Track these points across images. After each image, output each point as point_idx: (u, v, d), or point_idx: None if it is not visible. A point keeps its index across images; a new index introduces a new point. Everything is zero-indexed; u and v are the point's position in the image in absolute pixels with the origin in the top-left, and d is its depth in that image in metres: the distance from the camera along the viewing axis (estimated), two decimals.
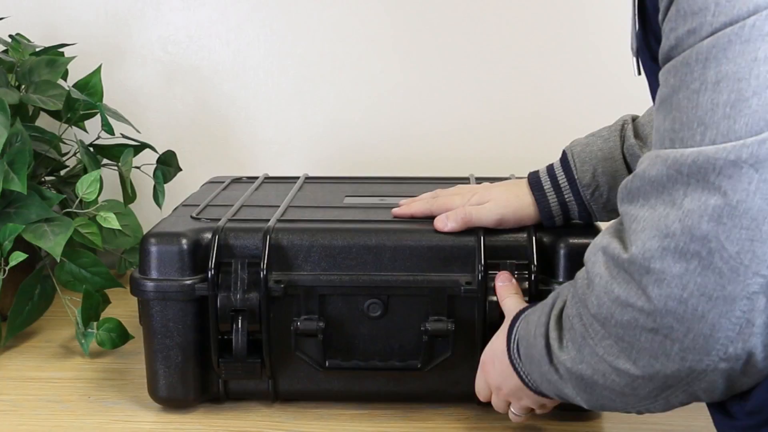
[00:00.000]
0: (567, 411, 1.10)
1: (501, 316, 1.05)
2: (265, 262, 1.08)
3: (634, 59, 0.86)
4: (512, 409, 1.02)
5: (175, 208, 1.24)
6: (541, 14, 1.67)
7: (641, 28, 0.81)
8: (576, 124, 1.25)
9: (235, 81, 1.74)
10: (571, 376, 0.82)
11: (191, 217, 1.17)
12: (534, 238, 1.09)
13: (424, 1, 1.68)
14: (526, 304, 1.00)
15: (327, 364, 1.10)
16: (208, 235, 1.11)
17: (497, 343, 0.98)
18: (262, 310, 1.09)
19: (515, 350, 0.93)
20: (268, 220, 1.13)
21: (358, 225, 1.13)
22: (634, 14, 0.84)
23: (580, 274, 0.82)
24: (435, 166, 1.64)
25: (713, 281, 0.68)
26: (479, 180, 1.33)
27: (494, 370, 0.99)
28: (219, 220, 1.14)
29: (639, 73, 0.84)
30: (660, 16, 0.73)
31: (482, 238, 1.08)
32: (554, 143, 1.19)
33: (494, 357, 0.98)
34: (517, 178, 1.25)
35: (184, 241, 1.10)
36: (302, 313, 1.10)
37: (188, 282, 1.09)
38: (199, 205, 1.23)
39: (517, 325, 0.95)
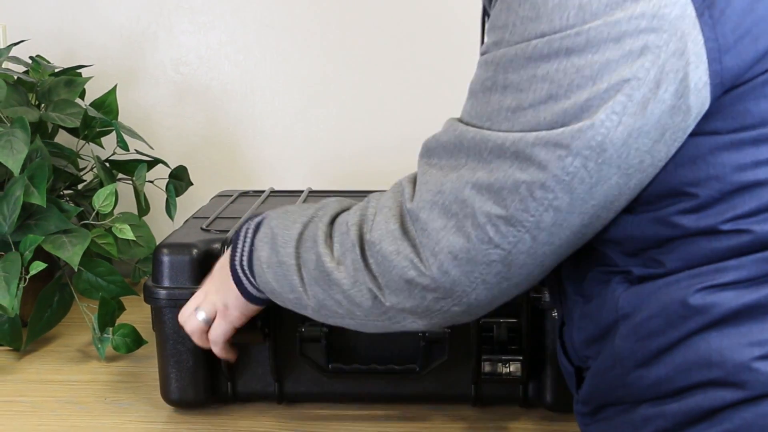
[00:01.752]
0: (556, 411, 1.11)
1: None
2: None
3: None
4: (199, 311, 1.01)
5: (186, 221, 1.24)
6: None
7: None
8: None
9: (243, 100, 1.74)
10: (320, 273, 0.84)
11: (201, 228, 1.18)
12: None
13: (420, 24, 1.68)
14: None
15: (330, 367, 1.10)
16: (218, 246, 1.11)
17: (220, 260, 1.00)
18: (269, 317, 1.09)
19: (244, 261, 0.93)
20: None
21: None
22: (482, 35, 0.93)
23: (378, 196, 0.84)
24: None
25: (461, 243, 0.74)
26: None
27: (213, 274, 1.00)
28: (227, 231, 1.15)
29: None
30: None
31: None
32: None
33: (215, 273, 1.00)
34: None
35: (194, 251, 1.10)
36: (307, 320, 1.08)
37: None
38: (208, 218, 1.23)
39: (242, 237, 0.94)
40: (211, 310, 1.00)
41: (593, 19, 0.68)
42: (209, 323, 1.00)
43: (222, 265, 0.99)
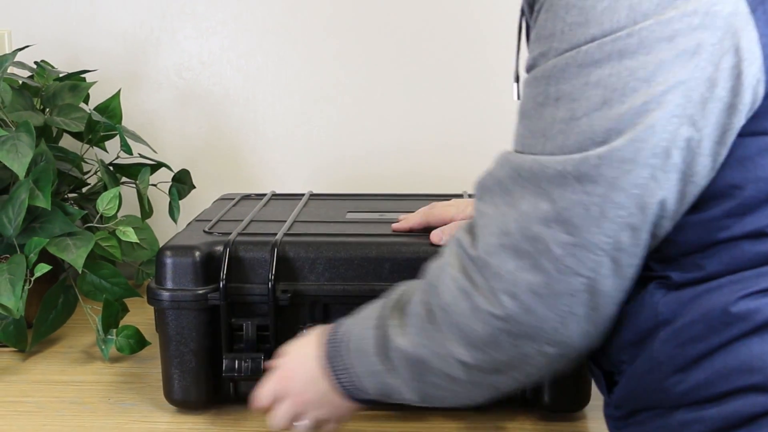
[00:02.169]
0: (554, 412, 1.11)
1: None
2: (273, 273, 1.09)
3: (515, 84, 0.91)
4: (301, 421, 0.94)
5: (189, 223, 1.24)
6: None
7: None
8: None
9: (245, 105, 1.74)
10: (407, 362, 0.81)
11: (204, 231, 1.18)
12: None
13: (419, 31, 1.68)
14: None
15: None
16: (220, 248, 1.11)
17: (303, 350, 0.93)
18: (270, 318, 1.09)
19: (331, 352, 0.89)
20: (276, 234, 1.14)
21: (359, 239, 1.13)
22: (518, 44, 0.88)
23: (436, 261, 0.81)
24: (431, 182, 1.64)
25: (540, 279, 0.70)
26: (472, 196, 1.32)
27: (297, 377, 0.92)
28: (230, 234, 1.15)
29: (519, 98, 0.85)
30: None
31: None
32: None
33: (299, 364, 0.93)
34: None
35: (197, 253, 1.10)
36: (308, 321, 1.10)
37: (201, 292, 1.09)
38: (211, 220, 1.23)
39: (331, 332, 0.91)
40: (315, 422, 0.94)
41: (644, 19, 0.66)
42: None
43: (313, 380, 0.91)
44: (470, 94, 1.70)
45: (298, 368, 0.93)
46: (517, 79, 0.91)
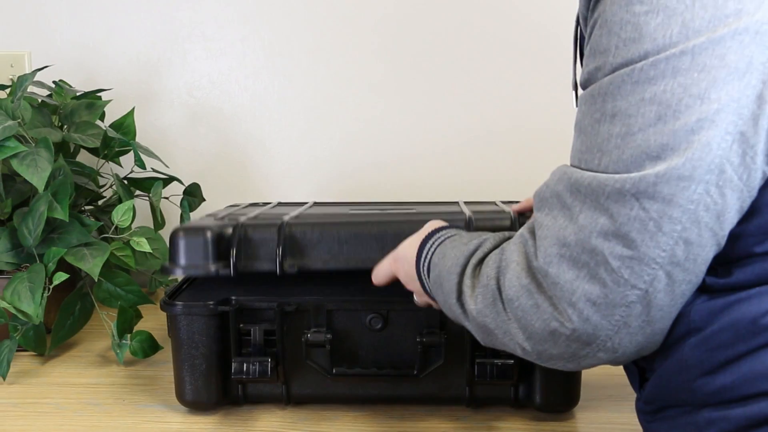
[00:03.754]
0: (544, 412, 1.11)
1: None
2: (281, 249, 1.09)
3: (573, 93, 0.89)
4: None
5: (201, 218, 1.24)
6: (529, 50, 1.68)
7: (580, 65, 0.83)
8: (562, 151, 1.27)
9: (253, 121, 1.75)
10: (474, 321, 0.82)
11: (214, 218, 1.17)
12: None
13: (418, 52, 1.69)
14: (444, 224, 0.98)
15: (334, 371, 1.10)
16: (230, 230, 1.11)
17: (410, 251, 0.95)
18: (276, 323, 1.10)
19: (425, 269, 0.91)
20: (283, 218, 1.14)
21: (363, 218, 1.13)
22: (575, 53, 0.87)
23: (507, 246, 0.80)
24: (432, 194, 1.65)
25: (597, 289, 0.70)
26: (467, 203, 1.33)
27: (403, 270, 0.97)
28: (242, 216, 1.15)
29: (577, 106, 0.86)
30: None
31: None
32: (537, 172, 1.20)
33: (405, 261, 0.96)
34: (502, 202, 1.26)
35: (208, 233, 1.10)
36: (312, 327, 1.10)
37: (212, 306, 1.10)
38: (220, 214, 1.23)
39: (429, 244, 0.92)
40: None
41: (696, 36, 0.66)
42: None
43: (412, 279, 0.95)
44: (471, 109, 1.70)
45: (404, 265, 0.96)
46: (575, 87, 0.90)
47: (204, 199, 1.61)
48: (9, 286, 1.25)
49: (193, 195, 1.58)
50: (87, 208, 1.55)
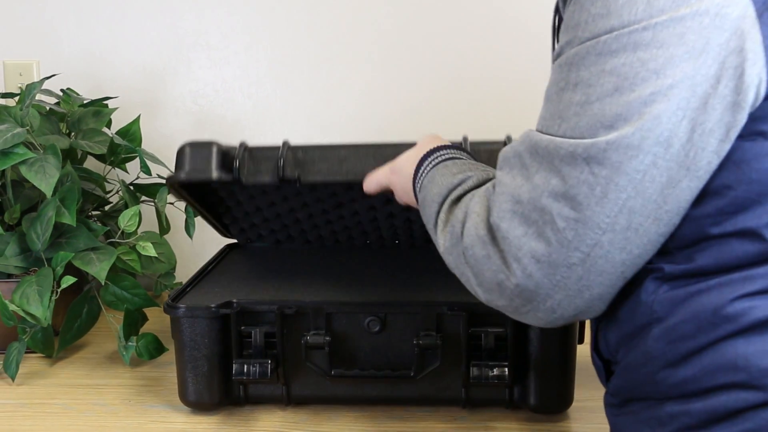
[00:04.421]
0: (539, 413, 1.12)
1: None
2: (282, 161, 1.13)
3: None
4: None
5: None
6: (527, 37, 1.68)
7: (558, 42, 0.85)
8: None
9: (255, 128, 1.75)
10: (442, 254, 0.84)
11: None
12: None
13: (423, 61, 1.70)
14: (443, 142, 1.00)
15: (333, 372, 1.10)
16: (236, 149, 1.15)
17: (408, 165, 0.98)
18: (276, 325, 1.10)
19: (419, 186, 0.93)
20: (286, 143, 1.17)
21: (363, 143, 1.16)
22: (554, 30, 0.89)
23: (476, 194, 0.82)
24: None
25: (542, 247, 0.71)
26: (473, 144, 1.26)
27: (399, 183, 1.00)
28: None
29: None
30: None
31: None
32: None
33: (402, 174, 0.99)
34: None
35: (215, 147, 1.14)
36: (311, 329, 1.11)
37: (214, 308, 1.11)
38: None
39: (427, 163, 0.94)
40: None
41: (660, 14, 0.67)
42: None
43: (407, 192, 0.99)
44: (474, 116, 1.70)
45: (400, 177, 1.00)
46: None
47: None
48: (18, 290, 1.26)
49: None
50: (94, 213, 1.55)
